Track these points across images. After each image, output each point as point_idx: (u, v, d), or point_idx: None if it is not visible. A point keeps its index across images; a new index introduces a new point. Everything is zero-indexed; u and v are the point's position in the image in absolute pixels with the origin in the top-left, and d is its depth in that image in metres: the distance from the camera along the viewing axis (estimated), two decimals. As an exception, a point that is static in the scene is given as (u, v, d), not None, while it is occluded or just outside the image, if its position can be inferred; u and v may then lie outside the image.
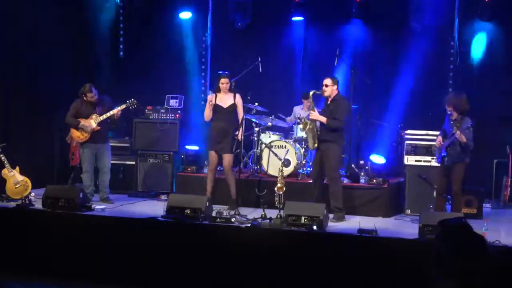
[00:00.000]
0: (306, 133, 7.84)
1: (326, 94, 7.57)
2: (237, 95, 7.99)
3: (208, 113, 7.99)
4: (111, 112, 8.10)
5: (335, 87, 7.57)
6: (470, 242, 2.59)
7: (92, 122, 8.09)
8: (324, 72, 9.67)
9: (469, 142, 7.01)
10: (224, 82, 7.94)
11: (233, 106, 7.95)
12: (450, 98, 7.29)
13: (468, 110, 7.22)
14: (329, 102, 7.62)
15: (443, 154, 7.19)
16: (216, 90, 8.02)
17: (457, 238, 2.61)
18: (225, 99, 7.98)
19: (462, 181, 7.21)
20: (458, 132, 6.89)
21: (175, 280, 6.26)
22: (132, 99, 8.29)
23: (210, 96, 7.99)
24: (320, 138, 7.57)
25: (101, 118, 8.09)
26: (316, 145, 7.62)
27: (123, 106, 8.21)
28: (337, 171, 7.60)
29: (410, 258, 5.46)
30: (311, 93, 7.72)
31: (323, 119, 7.48)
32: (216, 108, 7.94)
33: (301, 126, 8.03)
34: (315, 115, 7.58)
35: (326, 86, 7.54)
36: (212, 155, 8.01)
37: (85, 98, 8.13)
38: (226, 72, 8.06)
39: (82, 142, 8.19)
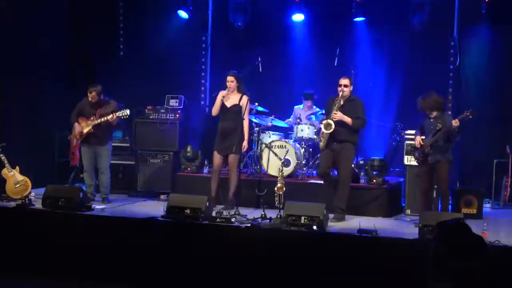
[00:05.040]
0: (323, 133, 7.55)
1: (345, 94, 7.46)
2: (244, 97, 7.93)
3: (215, 108, 8.00)
4: (105, 118, 8.04)
5: (351, 87, 7.53)
6: (468, 243, 2.59)
7: (88, 123, 8.10)
8: (324, 72, 9.71)
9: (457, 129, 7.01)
10: (228, 80, 7.94)
11: (237, 107, 7.91)
12: (422, 103, 7.22)
13: (444, 104, 7.26)
14: (342, 102, 7.49)
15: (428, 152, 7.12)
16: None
17: (455, 239, 2.61)
18: (231, 99, 7.97)
19: (448, 180, 7.20)
20: (456, 120, 6.89)
21: (175, 280, 6.26)
22: (125, 110, 8.06)
23: (224, 92, 7.94)
24: (338, 138, 7.46)
25: (96, 121, 8.08)
26: (325, 144, 7.56)
27: (116, 115, 8.04)
28: (350, 172, 7.60)
29: (410, 258, 5.46)
30: (345, 95, 7.44)
31: (348, 120, 7.39)
32: (221, 107, 7.95)
33: (322, 126, 7.58)
34: (340, 115, 7.40)
35: (346, 86, 7.45)
36: (215, 156, 8.00)
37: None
38: (234, 71, 8.05)
39: (81, 141, 8.22)
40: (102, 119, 8.06)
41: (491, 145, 9.19)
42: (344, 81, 7.49)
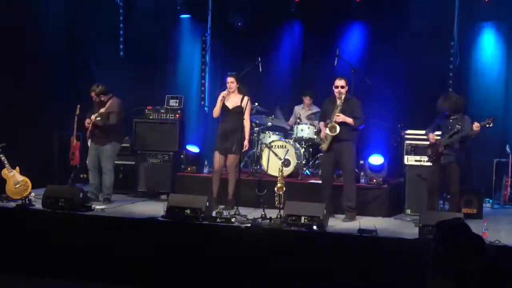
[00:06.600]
0: (327, 135, 7.55)
1: (343, 95, 7.51)
2: (245, 98, 7.95)
3: (216, 110, 8.01)
4: (92, 117, 8.03)
5: (347, 87, 7.58)
6: (468, 242, 2.59)
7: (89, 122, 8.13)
8: (324, 72, 9.71)
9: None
10: (228, 81, 7.96)
11: (239, 108, 7.92)
12: (443, 103, 7.19)
13: (466, 106, 7.27)
14: (338, 103, 7.54)
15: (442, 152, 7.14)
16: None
17: (455, 239, 2.61)
18: (232, 100, 7.98)
19: (459, 181, 7.20)
20: (476, 124, 6.85)
21: (175, 280, 6.26)
22: (100, 113, 8.01)
23: (224, 92, 7.96)
24: (339, 138, 7.49)
25: (93, 120, 8.08)
26: (327, 146, 7.58)
27: (94, 117, 8.02)
28: (354, 170, 7.66)
29: (410, 258, 5.45)
30: (343, 96, 7.49)
31: (350, 120, 7.47)
32: (223, 108, 7.96)
33: (327, 130, 7.52)
34: (343, 117, 7.47)
35: (343, 87, 7.52)
36: (216, 155, 8.01)
37: None
38: (234, 73, 8.05)
39: (90, 138, 8.26)
40: (93, 118, 8.05)
41: (491, 145, 9.18)
42: (340, 82, 7.54)
